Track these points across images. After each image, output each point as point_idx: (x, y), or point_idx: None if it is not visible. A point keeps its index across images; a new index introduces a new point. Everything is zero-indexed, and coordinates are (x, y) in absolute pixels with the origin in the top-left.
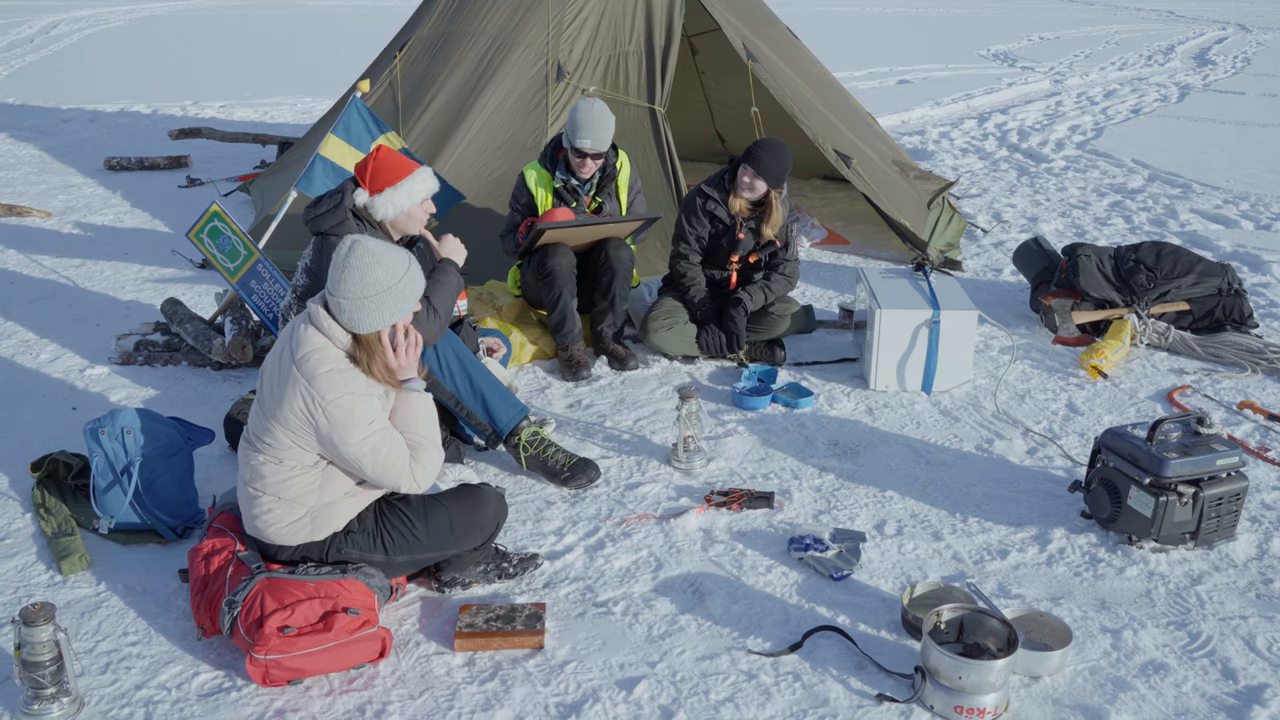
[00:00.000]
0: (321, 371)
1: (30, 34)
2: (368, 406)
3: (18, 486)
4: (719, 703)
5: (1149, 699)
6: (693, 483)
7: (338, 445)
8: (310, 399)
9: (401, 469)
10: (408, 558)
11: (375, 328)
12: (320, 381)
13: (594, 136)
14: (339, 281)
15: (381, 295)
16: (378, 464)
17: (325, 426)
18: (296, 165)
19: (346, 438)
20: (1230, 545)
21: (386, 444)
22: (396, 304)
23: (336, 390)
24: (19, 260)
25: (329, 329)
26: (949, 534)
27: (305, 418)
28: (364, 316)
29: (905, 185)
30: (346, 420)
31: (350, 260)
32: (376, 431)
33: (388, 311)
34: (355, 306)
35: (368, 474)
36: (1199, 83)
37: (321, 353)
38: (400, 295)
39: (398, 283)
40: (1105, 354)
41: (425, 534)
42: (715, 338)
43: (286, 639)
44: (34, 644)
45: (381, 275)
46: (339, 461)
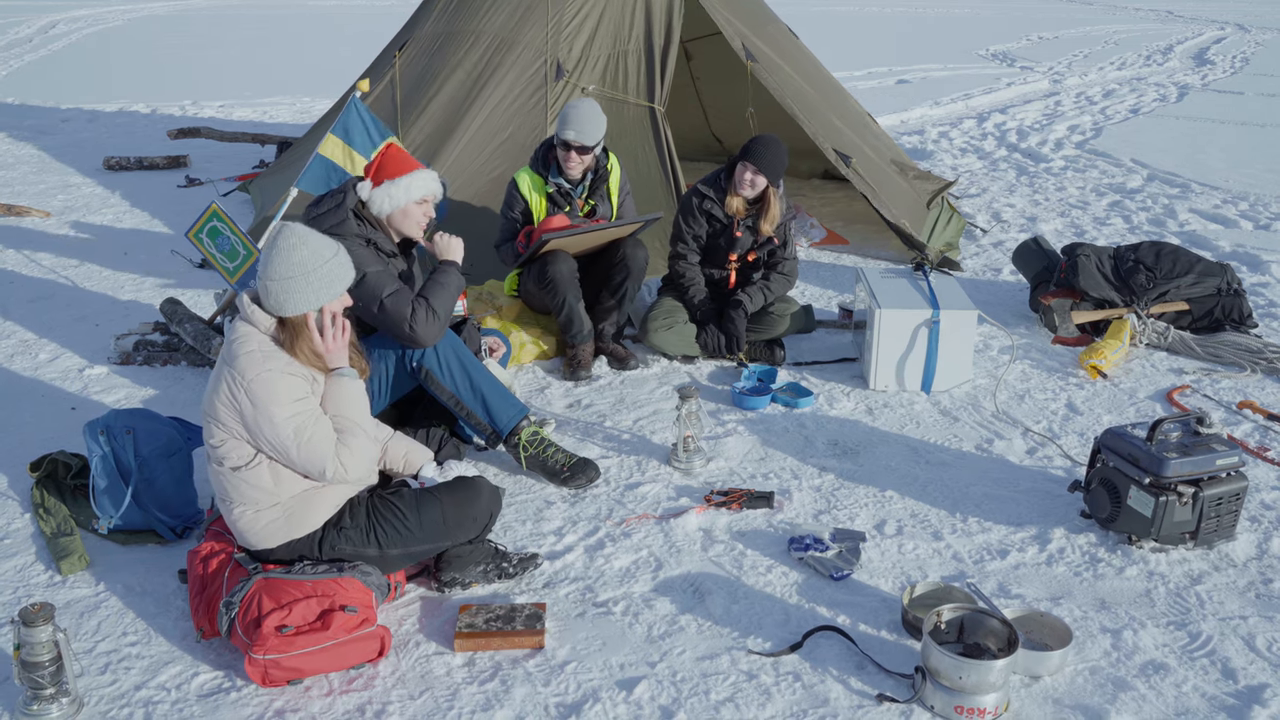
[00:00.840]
0: (243, 353)
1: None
2: (289, 384)
3: (17, 486)
4: (719, 703)
5: (1149, 699)
6: (692, 483)
7: (264, 427)
8: (233, 380)
9: (326, 450)
10: (401, 551)
11: (300, 310)
12: (240, 361)
13: (578, 129)
14: (265, 263)
15: (306, 276)
16: (302, 445)
17: (249, 409)
18: (296, 165)
19: (271, 416)
20: (1230, 545)
21: (311, 425)
22: (321, 286)
23: (256, 368)
24: (18, 260)
25: (252, 314)
26: (949, 534)
27: (230, 403)
28: (289, 298)
29: (904, 185)
30: (268, 397)
31: (278, 242)
32: (301, 412)
33: (312, 293)
34: (280, 288)
35: (292, 458)
36: (1198, 82)
37: (244, 338)
38: (325, 277)
39: (323, 265)
40: (1105, 354)
41: (418, 526)
42: (715, 338)
43: (284, 638)
44: (33, 644)
45: (307, 256)
46: (267, 448)
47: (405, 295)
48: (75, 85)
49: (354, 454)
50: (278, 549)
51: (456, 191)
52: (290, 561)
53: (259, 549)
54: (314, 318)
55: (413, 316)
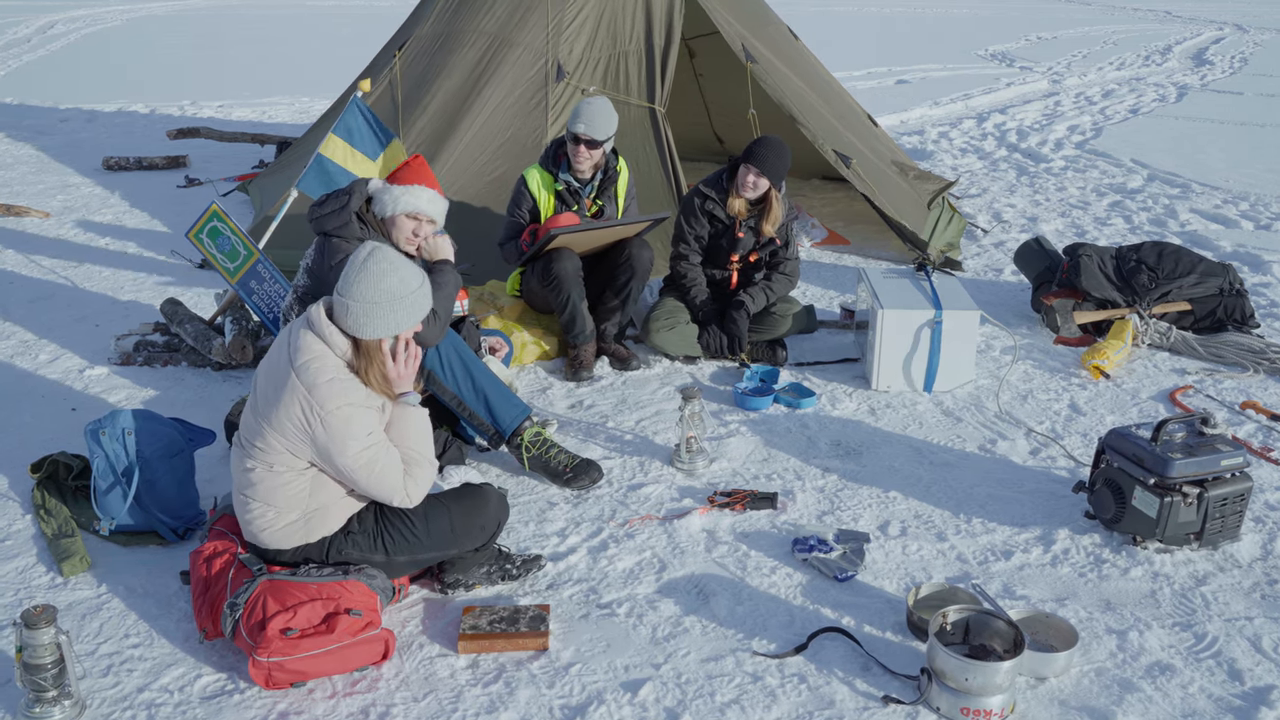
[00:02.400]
0: (322, 380)
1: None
2: (366, 418)
3: (18, 488)
4: (724, 705)
5: (1155, 700)
6: (695, 483)
7: (334, 456)
8: (309, 407)
9: (395, 482)
10: (408, 558)
11: (379, 335)
12: (320, 391)
13: (589, 123)
14: (352, 284)
15: (393, 304)
16: (372, 477)
17: (323, 436)
18: (295, 165)
19: (344, 449)
20: (1235, 546)
21: (382, 457)
22: (405, 315)
23: (336, 400)
24: (17, 261)
25: (330, 335)
26: (953, 535)
27: (302, 425)
28: (371, 322)
29: (905, 185)
30: (344, 431)
31: (369, 264)
32: (374, 444)
33: (394, 321)
34: (364, 310)
35: (360, 485)
36: (1197, 83)
37: (321, 360)
38: (409, 307)
39: (410, 294)
40: (1107, 354)
41: (426, 534)
42: (717, 339)
43: (289, 641)
44: (35, 646)
45: (396, 284)
46: (332, 471)
47: None
48: (74, 85)
49: (419, 484)
50: (288, 551)
51: (456, 192)
52: (296, 564)
53: (270, 549)
54: (388, 343)
55: None
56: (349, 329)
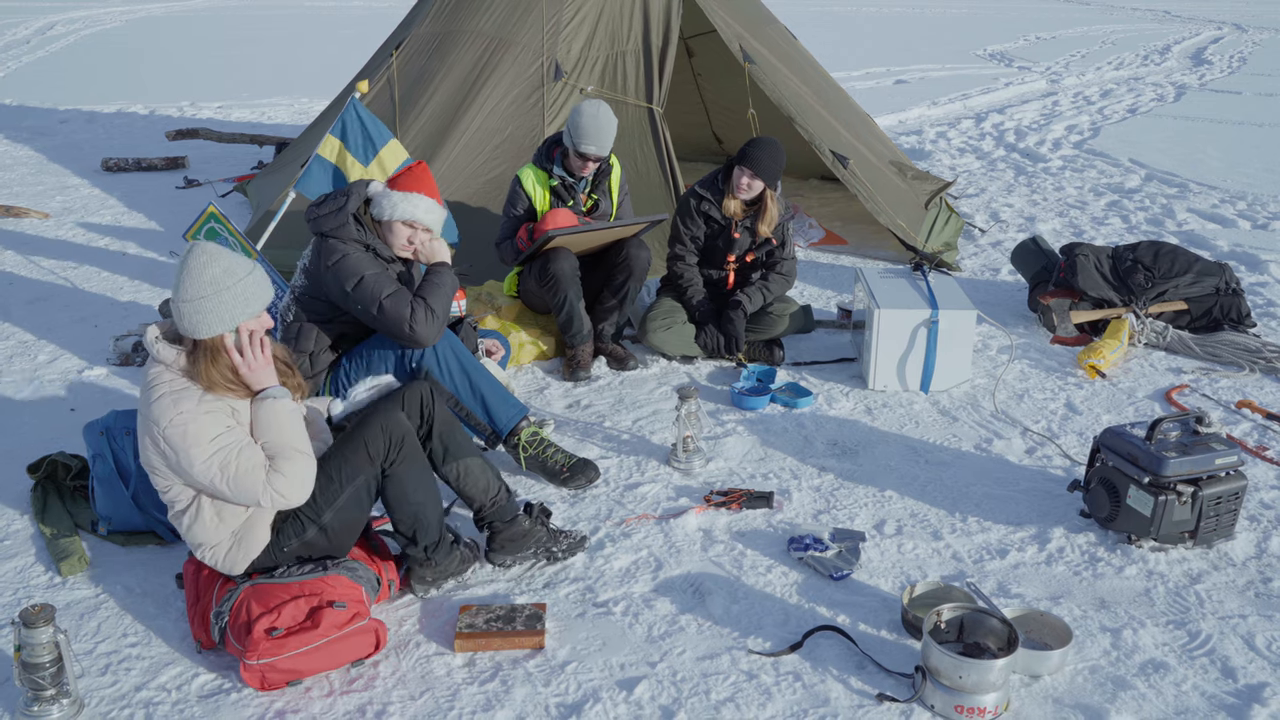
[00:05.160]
0: (153, 399)
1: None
2: (205, 424)
3: (16, 488)
4: (719, 703)
5: (1149, 698)
6: (692, 483)
7: (186, 469)
8: (153, 431)
9: (255, 482)
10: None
11: (214, 331)
12: (153, 410)
13: (599, 142)
14: (178, 285)
15: (219, 294)
16: (229, 481)
17: (171, 455)
18: (293, 165)
19: (191, 461)
20: (1229, 544)
21: (234, 459)
22: (236, 304)
23: (168, 414)
24: (17, 261)
25: (159, 350)
26: (948, 533)
27: (157, 452)
28: (203, 318)
29: (903, 186)
30: (184, 441)
31: (188, 261)
32: (223, 448)
33: (226, 312)
34: (193, 309)
35: (225, 495)
36: (1195, 82)
37: (154, 381)
38: (240, 295)
39: (237, 283)
40: (1103, 353)
41: (327, 481)
42: (714, 339)
43: (275, 641)
44: (34, 645)
45: (219, 274)
46: (196, 488)
47: (404, 296)
48: (73, 86)
49: (288, 478)
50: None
51: (454, 192)
52: (272, 569)
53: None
54: (231, 339)
55: (412, 317)
56: (186, 332)
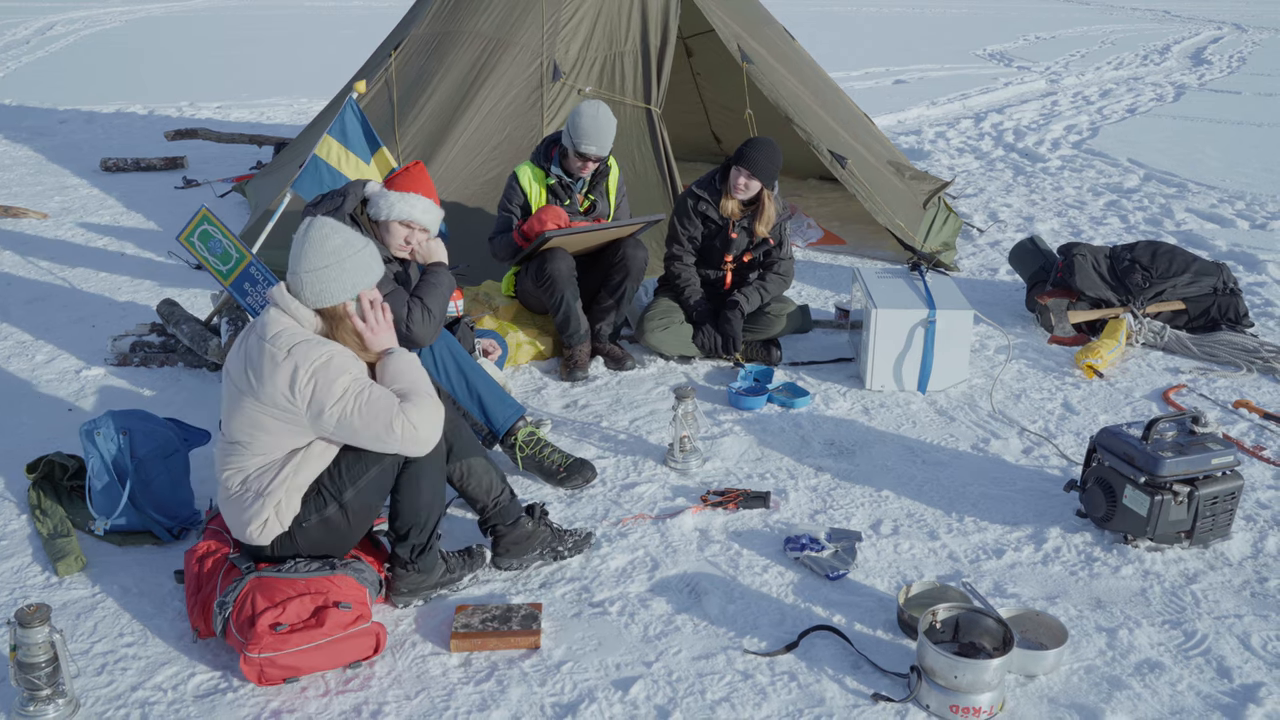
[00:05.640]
0: (297, 343)
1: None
2: (349, 360)
3: (13, 488)
4: (715, 702)
5: (1144, 698)
6: (689, 483)
7: (324, 404)
8: (294, 370)
9: (389, 409)
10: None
11: (339, 299)
12: (299, 351)
13: (599, 143)
14: (299, 257)
15: (341, 264)
16: (361, 408)
17: (308, 391)
18: (291, 165)
19: (332, 391)
20: (1225, 544)
21: (368, 389)
22: (358, 273)
23: (313, 353)
24: (15, 261)
25: (296, 310)
26: (945, 533)
27: (287, 394)
28: (328, 287)
29: (901, 186)
30: (327, 374)
31: (309, 233)
32: (357, 380)
33: (348, 281)
34: (316, 278)
35: (357, 428)
36: (1195, 82)
37: (290, 331)
38: (360, 265)
39: (356, 254)
40: (1101, 353)
41: (355, 458)
42: (711, 338)
43: (279, 636)
44: (29, 645)
45: (341, 244)
46: (327, 429)
47: (400, 296)
48: (73, 87)
49: (421, 411)
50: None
51: (452, 193)
52: (282, 559)
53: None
54: (352, 306)
55: (409, 317)
56: (309, 302)
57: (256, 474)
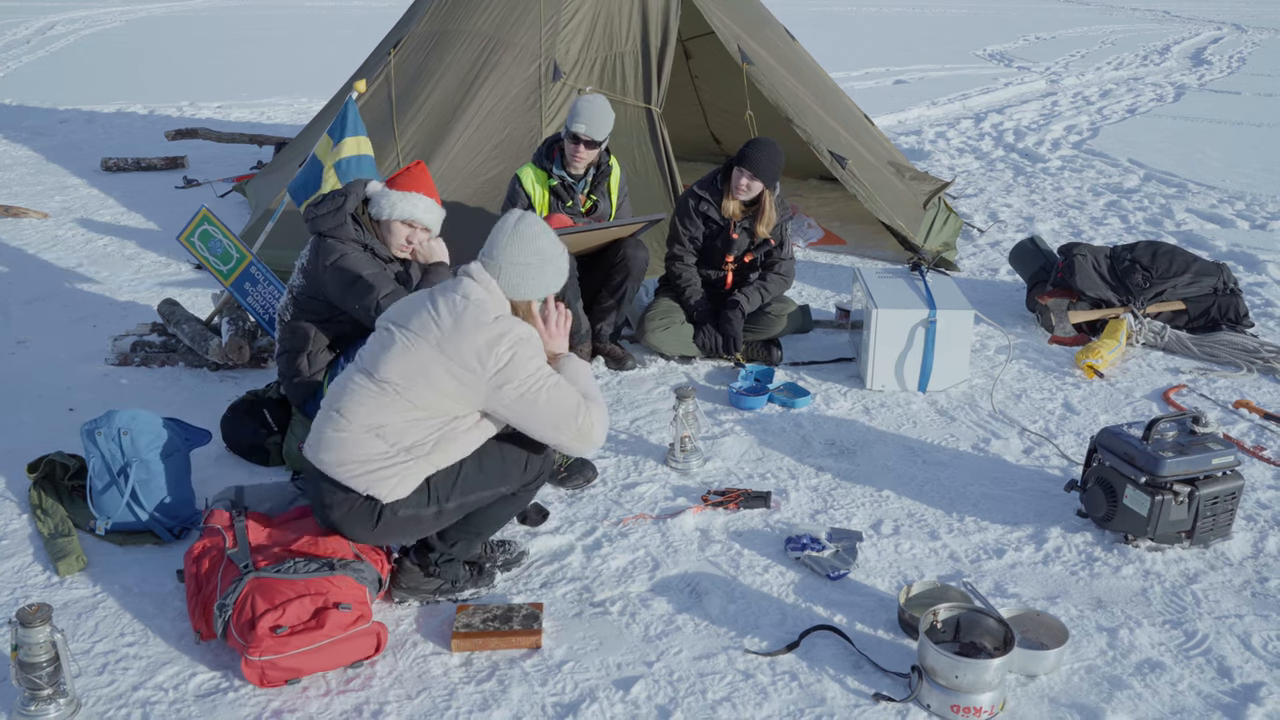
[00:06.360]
0: (504, 315)
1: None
2: (539, 345)
3: (14, 488)
4: (716, 702)
5: (1145, 697)
6: (690, 483)
7: (514, 376)
8: (497, 336)
9: (573, 400)
10: (457, 501)
11: (532, 296)
12: (505, 322)
13: (589, 122)
14: (505, 247)
15: (544, 265)
16: (549, 390)
17: (504, 358)
18: (291, 165)
19: (525, 366)
20: (1226, 544)
21: (559, 378)
22: (554, 276)
23: (522, 328)
24: (16, 261)
25: (492, 289)
26: (945, 533)
27: (481, 354)
28: (525, 283)
29: (901, 186)
30: (525, 350)
31: (520, 227)
32: (543, 367)
33: (545, 282)
34: (519, 272)
35: (539, 409)
36: (1195, 83)
37: (486, 302)
38: (558, 269)
39: (558, 256)
40: (1101, 353)
41: (476, 470)
42: (712, 338)
43: (279, 639)
44: (31, 645)
45: (547, 245)
46: (503, 401)
47: (400, 296)
48: (73, 86)
49: (600, 413)
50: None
51: (451, 193)
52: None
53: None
54: (537, 305)
55: None
56: (505, 291)
57: (400, 426)
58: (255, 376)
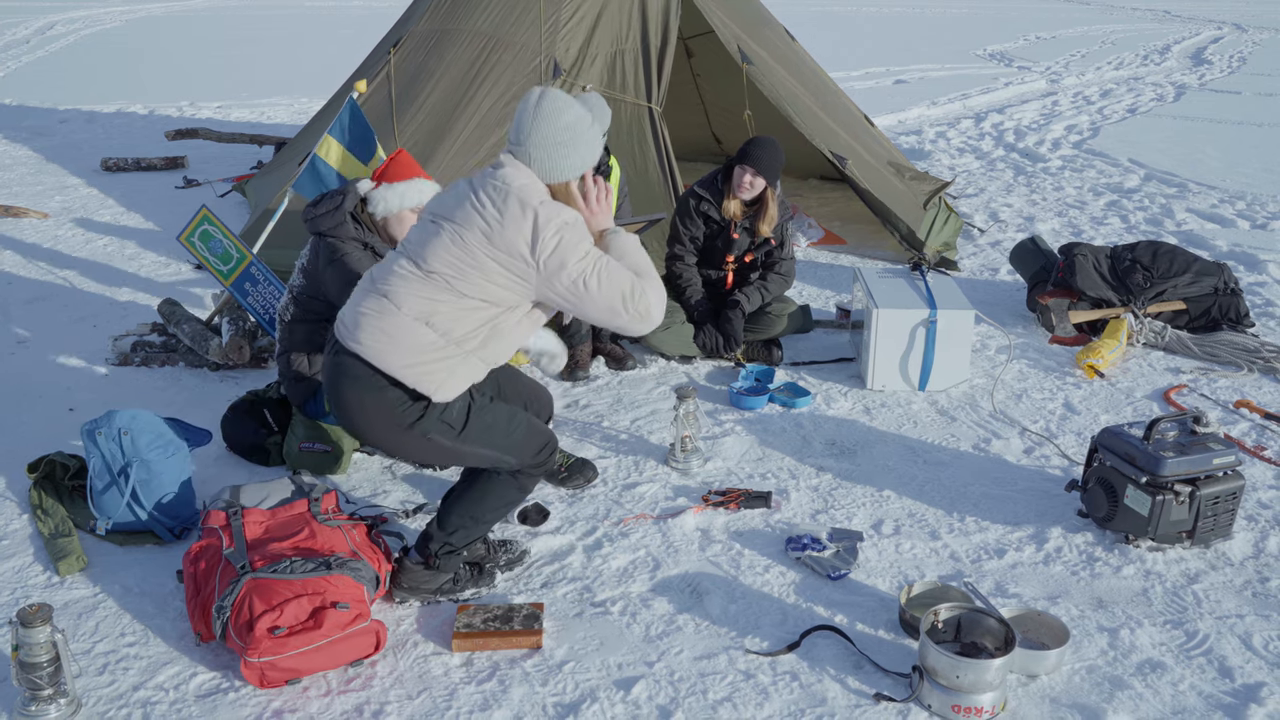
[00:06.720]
0: (545, 200)
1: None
2: (585, 229)
3: (15, 488)
4: (717, 702)
5: (1146, 698)
6: (690, 483)
7: (567, 260)
8: (542, 223)
9: (626, 279)
10: (473, 447)
11: (568, 176)
12: (548, 208)
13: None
14: (530, 130)
15: (576, 141)
16: (600, 272)
17: (552, 244)
18: (290, 165)
19: (575, 250)
20: (1227, 544)
21: (605, 259)
22: (588, 150)
23: (565, 213)
24: (16, 261)
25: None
26: (946, 533)
27: (528, 242)
28: (560, 163)
29: (900, 186)
30: (573, 235)
31: (543, 106)
32: (593, 250)
33: (580, 157)
34: (550, 154)
35: (593, 293)
36: (1195, 82)
37: (532, 185)
38: (590, 142)
39: (589, 128)
40: (1102, 353)
41: (505, 430)
42: (712, 338)
43: (277, 640)
44: (31, 645)
45: (574, 119)
46: (558, 288)
47: None
48: (73, 86)
49: (655, 290)
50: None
51: None
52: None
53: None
54: (575, 185)
55: None
56: (539, 176)
57: (451, 315)
58: (255, 376)
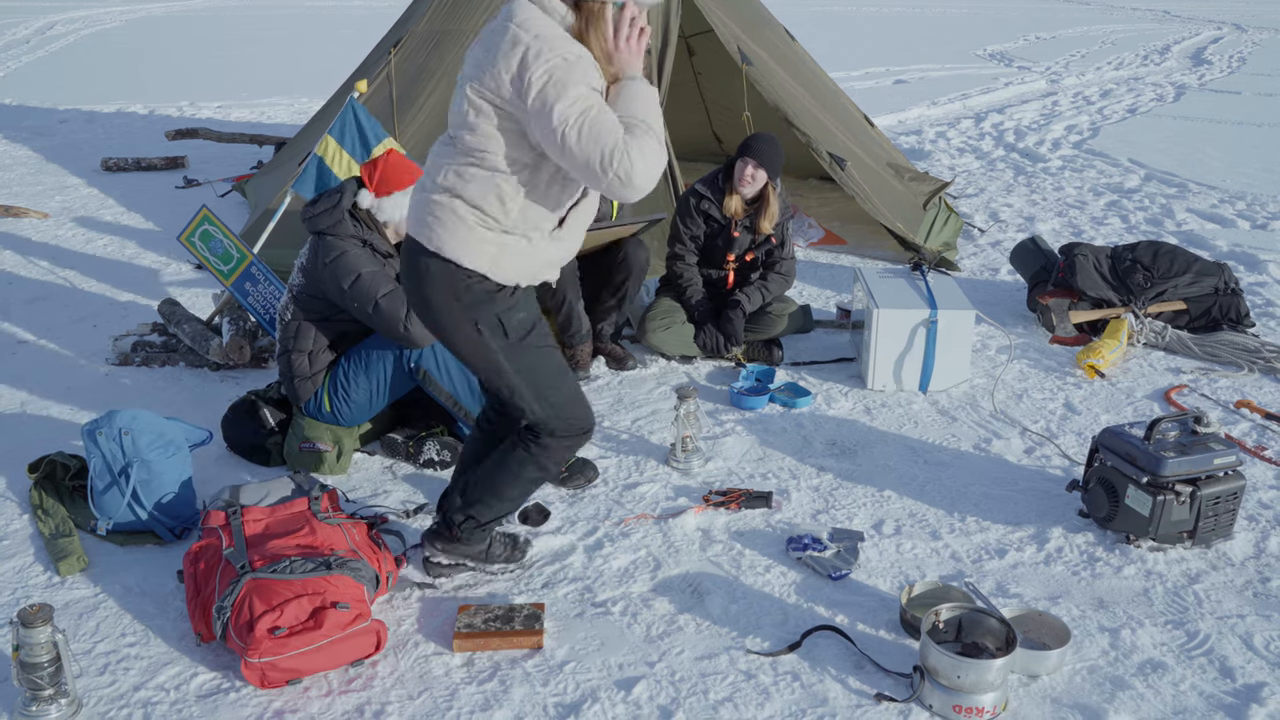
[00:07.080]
0: (545, 32)
1: (27, 34)
2: (588, 67)
3: (15, 488)
4: (718, 702)
5: (1147, 698)
6: (691, 483)
7: (552, 101)
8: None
9: (612, 135)
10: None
11: None
12: (546, 40)
13: None
14: None
15: None
16: (585, 125)
17: (541, 81)
18: (290, 164)
19: (564, 93)
20: (1228, 544)
21: (597, 108)
22: None
23: (563, 46)
24: (16, 261)
25: (549, 4)
26: (947, 533)
27: (515, 77)
28: None
29: (900, 187)
30: (567, 74)
31: None
32: (588, 95)
33: None
34: None
35: (572, 148)
36: (1195, 82)
37: (541, 18)
38: None
39: None
40: (1102, 353)
41: (551, 381)
42: (713, 338)
43: (278, 640)
44: (32, 645)
45: None
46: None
47: (400, 296)
48: (73, 86)
49: (642, 151)
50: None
51: None
52: None
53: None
54: (611, 11)
55: (407, 317)
56: None
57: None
58: (255, 376)
